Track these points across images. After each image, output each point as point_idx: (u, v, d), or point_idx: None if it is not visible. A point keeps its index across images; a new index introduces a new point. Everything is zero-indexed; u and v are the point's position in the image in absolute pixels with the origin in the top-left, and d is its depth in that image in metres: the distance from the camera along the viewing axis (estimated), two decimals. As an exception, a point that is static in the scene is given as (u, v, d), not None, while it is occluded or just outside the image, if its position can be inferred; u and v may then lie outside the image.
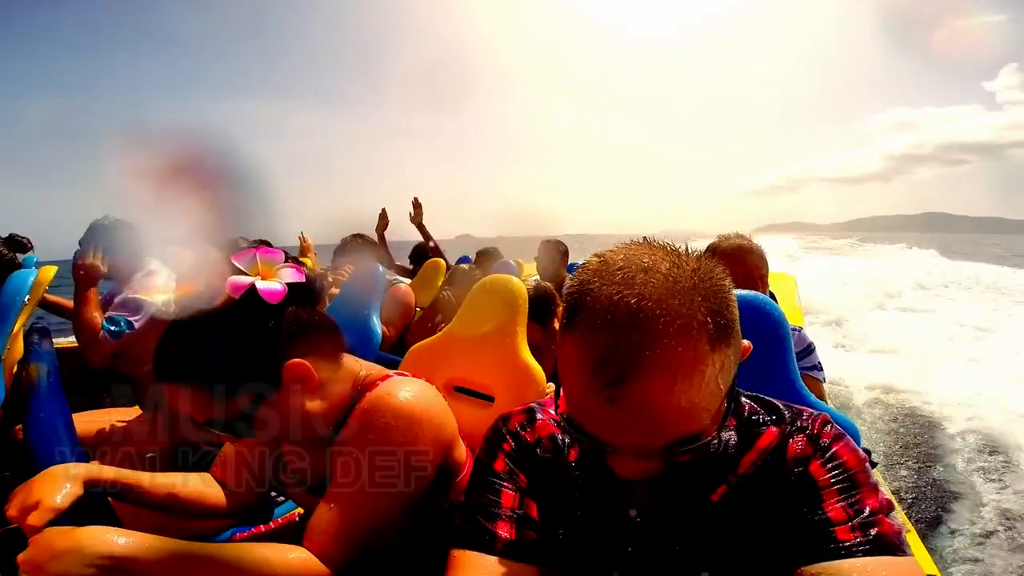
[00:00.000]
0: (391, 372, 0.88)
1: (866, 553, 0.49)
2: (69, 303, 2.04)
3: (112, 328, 1.65)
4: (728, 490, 0.59)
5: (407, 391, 0.82)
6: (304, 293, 0.80)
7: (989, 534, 2.94)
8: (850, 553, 0.50)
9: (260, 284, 0.75)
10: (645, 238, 0.55)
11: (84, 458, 0.92)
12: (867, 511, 0.52)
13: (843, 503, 0.53)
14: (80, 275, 1.76)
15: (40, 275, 1.82)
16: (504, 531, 0.61)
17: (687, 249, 0.53)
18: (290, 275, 0.79)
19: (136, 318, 1.73)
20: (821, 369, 1.53)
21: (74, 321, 1.81)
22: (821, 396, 1.49)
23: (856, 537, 0.50)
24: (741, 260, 1.52)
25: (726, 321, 0.49)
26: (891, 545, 0.50)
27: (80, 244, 1.97)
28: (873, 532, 0.50)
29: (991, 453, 3.83)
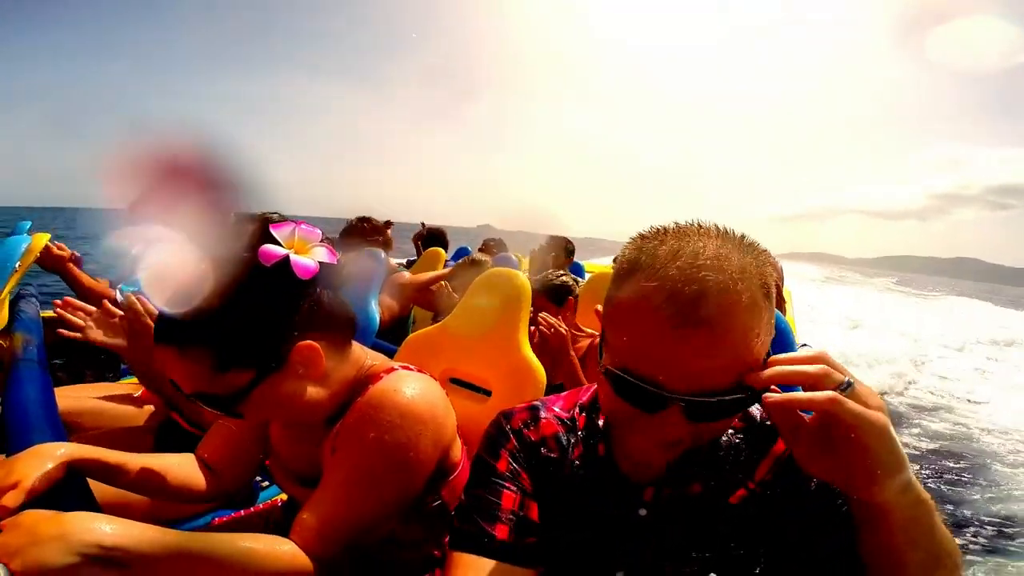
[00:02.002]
0: (395, 365, 0.85)
1: None
2: (91, 282, 2.01)
3: (128, 290, 1.58)
4: (748, 495, 0.59)
5: (412, 388, 0.79)
6: (332, 276, 0.78)
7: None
8: None
9: (295, 257, 0.73)
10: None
11: (64, 436, 0.88)
12: None
13: None
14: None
15: (33, 242, 1.78)
16: (502, 534, 0.60)
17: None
18: (323, 255, 0.76)
19: None
20: None
21: (85, 299, 1.85)
22: None
23: None
24: None
25: (768, 289, 0.51)
26: None
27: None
28: None
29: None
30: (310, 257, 0.75)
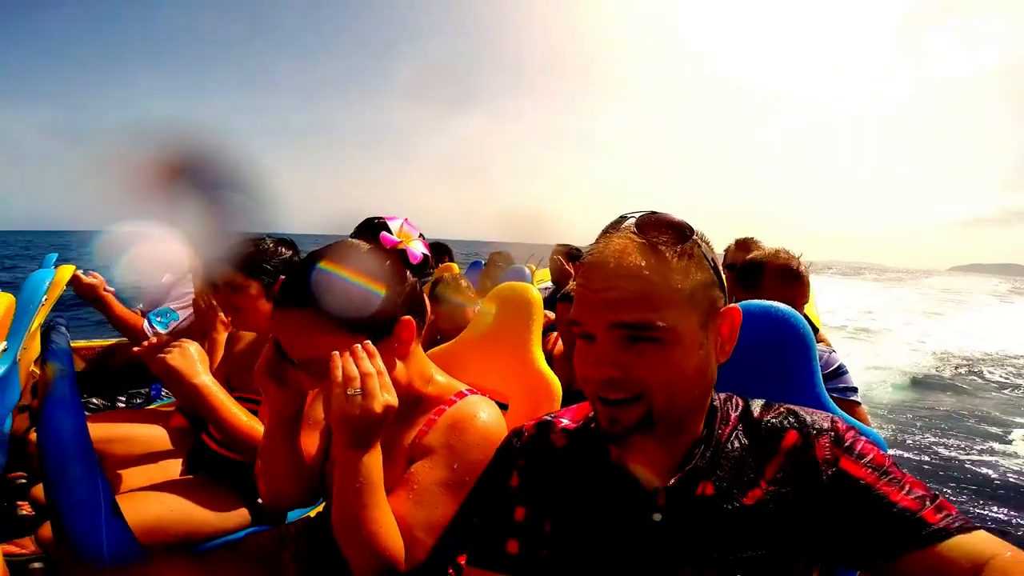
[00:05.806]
0: (463, 388, 0.93)
1: (959, 531, 0.52)
2: (124, 311, 2.09)
3: (157, 320, 1.63)
4: (763, 495, 0.59)
5: (486, 412, 0.87)
6: (426, 267, 0.89)
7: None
8: (949, 534, 0.52)
9: (408, 245, 0.86)
10: None
11: (97, 464, 0.91)
12: (927, 495, 0.55)
13: (903, 493, 0.55)
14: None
15: (57, 275, 1.84)
16: (514, 548, 0.62)
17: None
18: (422, 247, 0.89)
19: (182, 312, 1.87)
20: (856, 391, 1.50)
21: (117, 326, 2.07)
22: (863, 419, 1.45)
23: (943, 518, 0.53)
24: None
25: (690, 255, 0.58)
26: (969, 522, 0.53)
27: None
28: (953, 512, 0.54)
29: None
30: (414, 248, 0.87)
